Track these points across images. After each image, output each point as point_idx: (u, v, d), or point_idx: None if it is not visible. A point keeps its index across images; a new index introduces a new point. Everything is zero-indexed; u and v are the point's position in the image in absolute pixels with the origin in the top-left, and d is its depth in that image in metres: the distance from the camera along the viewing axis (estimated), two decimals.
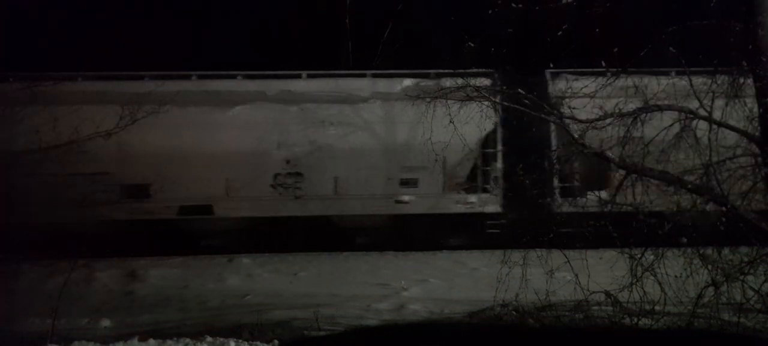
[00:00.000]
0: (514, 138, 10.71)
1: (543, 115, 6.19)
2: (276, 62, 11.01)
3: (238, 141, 9.96)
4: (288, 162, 10.17)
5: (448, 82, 10.38)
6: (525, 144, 10.75)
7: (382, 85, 10.58)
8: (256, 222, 10.17)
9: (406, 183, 10.31)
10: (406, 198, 10.22)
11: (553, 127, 10.14)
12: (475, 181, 10.53)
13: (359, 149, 10.22)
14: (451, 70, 10.65)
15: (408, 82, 10.55)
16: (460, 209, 10.31)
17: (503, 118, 10.57)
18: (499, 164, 10.44)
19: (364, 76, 10.65)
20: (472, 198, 10.36)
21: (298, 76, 10.51)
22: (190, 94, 9.88)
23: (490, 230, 10.36)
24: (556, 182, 10.21)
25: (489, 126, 10.22)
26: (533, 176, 7.60)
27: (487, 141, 10.56)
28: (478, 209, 10.33)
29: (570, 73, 10.40)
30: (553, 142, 10.10)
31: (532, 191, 7.32)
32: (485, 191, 10.42)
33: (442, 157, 8.31)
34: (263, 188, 10.04)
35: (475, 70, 10.60)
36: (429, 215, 10.30)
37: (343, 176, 10.21)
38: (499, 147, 10.48)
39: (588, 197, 10.06)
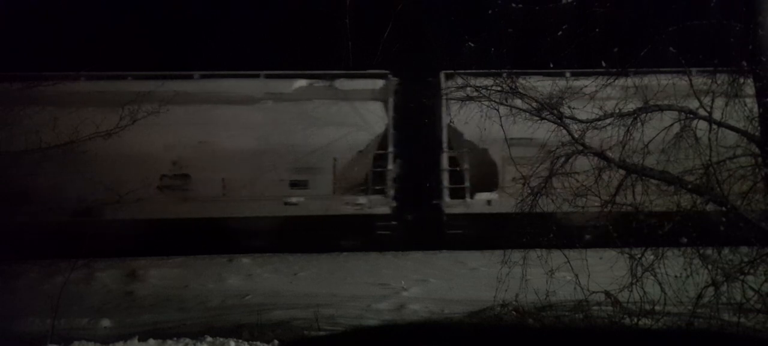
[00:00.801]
0: (407, 139, 10.82)
1: (543, 116, 6.17)
2: (276, 62, 11.02)
3: (124, 142, 8.99)
4: (175, 163, 9.99)
5: (345, 83, 10.52)
6: (418, 145, 10.84)
7: (275, 85, 10.50)
8: (144, 225, 9.84)
9: (295, 184, 10.22)
10: (294, 199, 10.09)
11: (445, 129, 10.36)
12: (377, 182, 10.47)
13: (248, 150, 10.05)
14: (345, 71, 10.74)
15: (301, 82, 10.53)
16: (349, 210, 10.20)
17: (395, 119, 10.59)
18: (390, 166, 10.39)
19: (257, 76, 10.52)
20: (362, 199, 10.27)
21: (190, 77, 10.34)
22: (78, 95, 9.49)
23: (380, 232, 10.37)
24: (445, 183, 10.27)
25: (380, 127, 10.41)
26: (424, 176, 7.70)
27: (382, 142, 10.55)
28: (368, 211, 10.25)
29: (463, 74, 10.51)
30: (444, 143, 10.35)
31: (423, 192, 7.38)
32: (376, 192, 10.36)
33: (331, 158, 8.30)
34: (150, 189, 9.67)
35: (369, 71, 10.69)
36: (320, 217, 10.18)
37: (231, 177, 10.06)
38: (390, 148, 10.43)
39: (476, 198, 10.23)
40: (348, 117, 10.39)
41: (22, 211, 8.64)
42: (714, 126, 5.58)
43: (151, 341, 5.87)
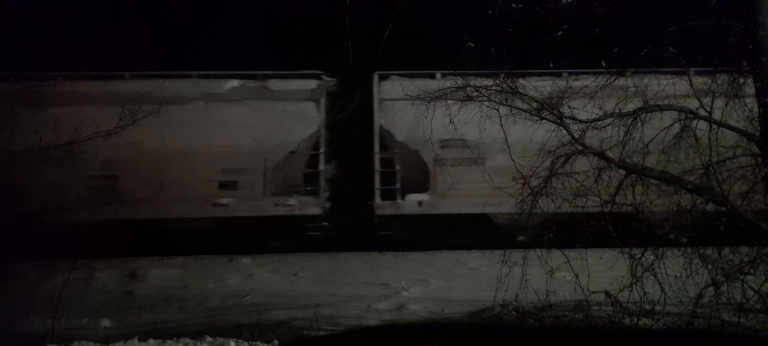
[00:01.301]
0: (341, 140, 10.80)
1: (542, 116, 6.17)
2: (276, 62, 11.01)
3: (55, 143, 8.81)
4: (103, 164, 9.80)
5: (278, 84, 10.47)
6: (351, 147, 10.82)
7: (206, 86, 10.45)
8: (72, 226, 9.70)
9: (225, 185, 10.14)
10: (224, 201, 10.01)
11: (376, 130, 10.38)
12: (310, 183, 10.45)
13: (178, 150, 9.95)
14: (278, 72, 10.65)
15: (233, 83, 10.48)
16: (280, 211, 10.13)
17: (329, 120, 10.59)
18: (322, 167, 10.38)
19: (189, 76, 10.46)
20: (292, 201, 10.21)
21: (122, 77, 10.26)
22: (6, 96, 8.94)
23: (311, 233, 10.34)
24: (377, 185, 10.27)
25: (312, 128, 10.37)
26: (357, 178, 7.66)
27: (316, 143, 10.54)
28: (299, 212, 10.21)
29: (399, 75, 10.66)
30: (376, 144, 10.37)
31: (356, 194, 7.35)
32: (307, 193, 10.33)
33: (262, 159, 8.19)
34: (80, 190, 9.43)
35: (303, 72, 10.66)
36: (251, 218, 10.11)
37: (161, 178, 9.67)
38: (322, 149, 10.42)
39: (408, 199, 10.25)
40: (279, 118, 10.35)
41: None
42: (714, 126, 5.58)
43: (151, 341, 5.87)
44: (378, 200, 10.26)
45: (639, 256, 5.73)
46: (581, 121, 6.12)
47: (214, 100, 10.29)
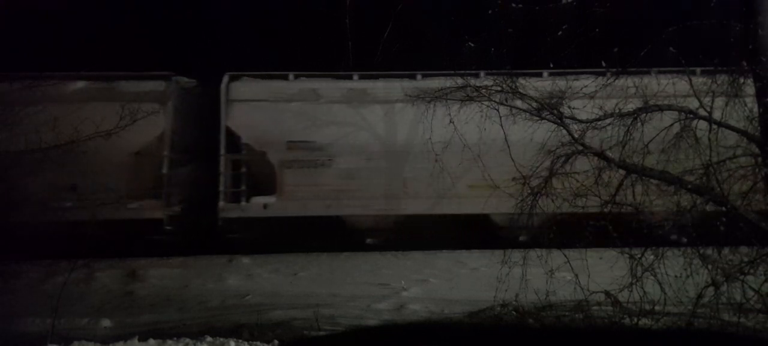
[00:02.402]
0: (189, 142, 10.68)
1: (542, 116, 6.17)
2: (276, 63, 11.02)
3: None
4: None
5: (125, 85, 10.10)
6: (200, 148, 10.69)
7: (53, 88, 9.75)
8: None
9: (67, 189, 9.78)
10: (68, 204, 9.51)
11: (223, 131, 10.25)
12: (158, 187, 10.20)
13: (23, 153, 9.23)
14: (126, 73, 10.37)
15: (79, 84, 10.25)
16: (122, 215, 9.83)
17: (178, 121, 10.41)
18: (165, 169, 10.17)
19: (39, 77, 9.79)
20: (133, 204, 10.02)
21: None
22: None
23: (156, 237, 10.13)
24: (221, 187, 10.16)
25: (158, 130, 10.11)
26: (204, 180, 7.50)
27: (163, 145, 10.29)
28: (141, 216, 10.00)
29: (251, 76, 10.52)
30: (223, 146, 10.25)
31: (203, 196, 7.21)
32: (152, 196, 10.12)
33: (105, 161, 7.92)
34: None
35: (152, 73, 10.41)
36: (90, 222, 9.51)
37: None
38: (166, 152, 10.21)
39: (253, 201, 10.16)
40: (125, 119, 10.11)
41: None
42: (714, 126, 5.58)
43: (151, 341, 5.87)
44: (222, 203, 10.13)
45: (639, 256, 5.73)
46: (581, 121, 6.12)
47: (60, 101, 9.57)
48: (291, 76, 10.50)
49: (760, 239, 5.35)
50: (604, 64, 6.80)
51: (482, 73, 8.80)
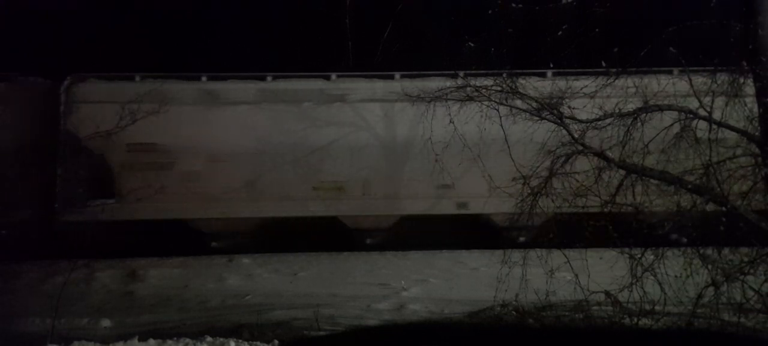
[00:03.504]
0: (25, 145, 9.98)
1: (542, 116, 6.16)
2: (276, 63, 11.01)
3: None
4: None
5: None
6: (38, 151, 9.96)
7: None
8: None
9: None
10: None
11: (63, 133, 9.93)
12: None
13: None
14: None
15: None
16: None
17: (12, 123, 9.70)
18: None
19: None
20: None
21: None
22: None
23: None
24: (59, 189, 9.83)
25: None
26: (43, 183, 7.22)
27: None
28: None
29: (96, 77, 10.29)
30: (60, 149, 9.92)
31: (38, 200, 6.98)
32: None
33: None
34: None
35: None
36: None
37: None
38: None
39: (90, 204, 9.61)
40: None
41: None
42: (714, 126, 5.58)
43: (151, 341, 5.88)
44: (59, 206, 9.84)
45: (639, 256, 5.73)
46: (581, 121, 6.12)
47: None
48: (138, 77, 10.26)
49: (760, 239, 5.35)
50: (604, 64, 6.80)
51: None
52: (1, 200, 8.90)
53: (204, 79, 10.44)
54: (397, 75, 10.06)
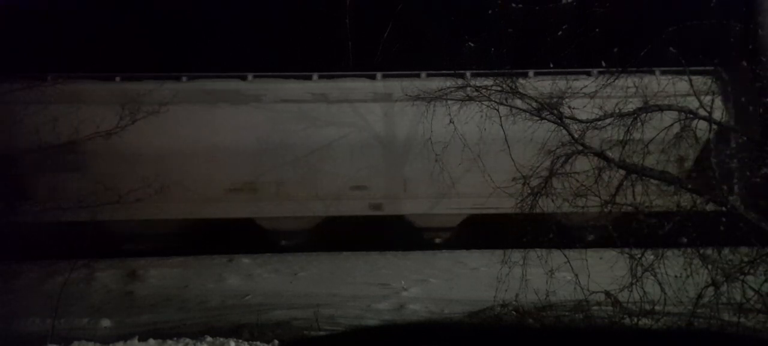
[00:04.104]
0: None
1: (542, 116, 6.16)
2: (276, 63, 11.00)
3: None
4: None
5: None
6: None
7: None
8: None
9: None
10: None
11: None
12: None
13: None
14: None
15: None
16: None
17: None
18: None
19: None
20: None
21: None
22: None
23: None
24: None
25: None
26: None
27: None
28: None
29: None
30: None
31: None
32: None
33: None
34: None
35: None
36: None
37: None
38: None
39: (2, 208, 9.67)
40: None
41: None
42: (714, 126, 5.58)
43: (151, 341, 5.88)
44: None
45: (639, 256, 5.73)
46: (581, 121, 6.12)
47: None
48: (49, 77, 9.63)
49: (760, 239, 5.35)
50: (604, 64, 6.80)
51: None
52: None
53: (118, 79, 10.20)
54: (315, 75, 9.95)
